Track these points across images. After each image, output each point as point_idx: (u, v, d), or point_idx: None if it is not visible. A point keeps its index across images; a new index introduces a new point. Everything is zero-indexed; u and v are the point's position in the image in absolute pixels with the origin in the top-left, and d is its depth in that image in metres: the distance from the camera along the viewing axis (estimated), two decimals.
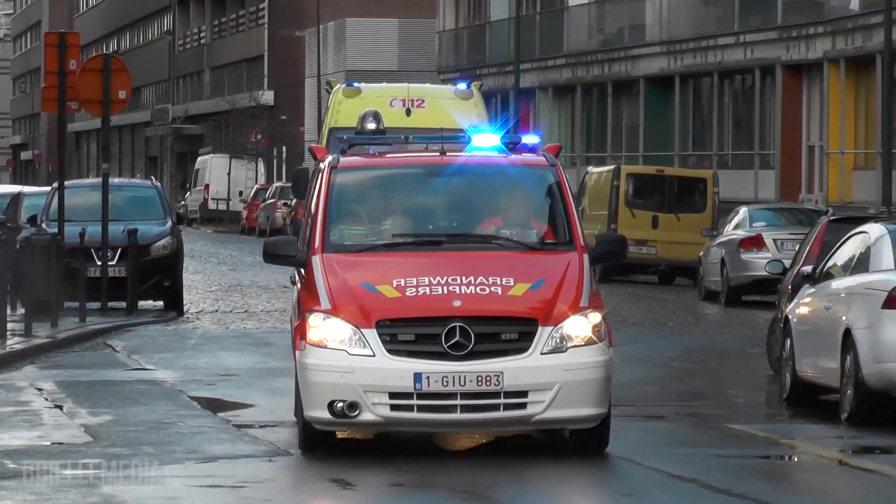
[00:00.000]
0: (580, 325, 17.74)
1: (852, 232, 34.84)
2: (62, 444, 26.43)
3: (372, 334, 17.54)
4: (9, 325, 40.66)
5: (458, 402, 17.21)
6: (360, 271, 19.78)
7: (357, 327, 17.99)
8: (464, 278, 18.47)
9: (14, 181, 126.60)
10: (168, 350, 41.22)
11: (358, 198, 21.44)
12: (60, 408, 31.32)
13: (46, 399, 32.75)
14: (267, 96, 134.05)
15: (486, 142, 20.91)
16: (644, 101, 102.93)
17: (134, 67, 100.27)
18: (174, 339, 44.36)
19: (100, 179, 51.99)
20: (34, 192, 62.09)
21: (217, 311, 53.43)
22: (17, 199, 61.21)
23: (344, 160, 21.25)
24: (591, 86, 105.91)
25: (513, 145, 21.56)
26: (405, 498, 23.08)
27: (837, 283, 34.24)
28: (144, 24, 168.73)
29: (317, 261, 20.12)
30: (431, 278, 18.50)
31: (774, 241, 67.56)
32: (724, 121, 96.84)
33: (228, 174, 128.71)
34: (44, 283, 44.11)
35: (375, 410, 17.31)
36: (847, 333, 30.63)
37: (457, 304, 17.46)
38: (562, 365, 17.27)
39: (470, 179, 21.80)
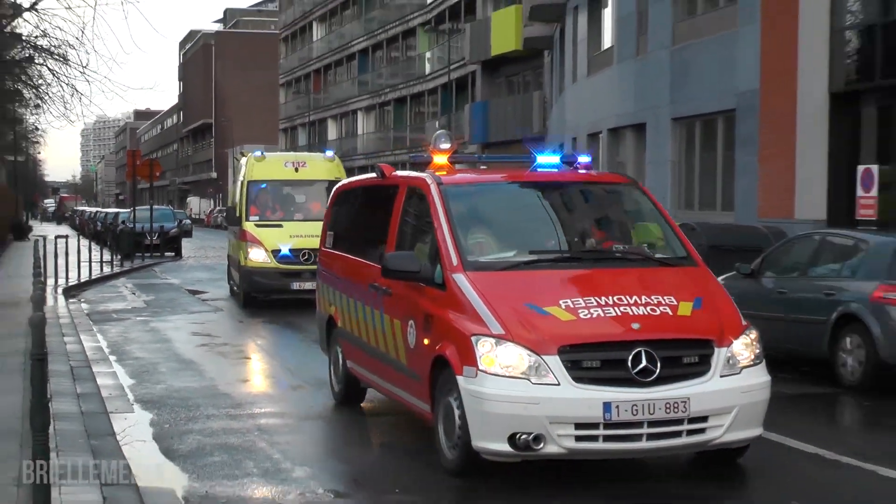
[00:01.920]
0: (747, 345, 11.03)
1: None
2: (134, 307, 26.84)
3: (555, 361, 10.24)
4: (115, 263, 40.41)
5: (645, 430, 10.30)
6: (518, 291, 11.10)
7: (537, 354, 10.25)
8: (627, 297, 10.90)
9: (116, 208, 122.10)
10: (176, 271, 40.45)
11: (472, 214, 12.31)
12: (135, 293, 30.88)
13: (129, 290, 32.06)
14: (213, 175, 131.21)
15: (548, 160, 12.95)
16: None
17: (163, 162, 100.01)
18: (177, 267, 43.27)
19: (148, 206, 51.03)
20: (125, 212, 60.89)
21: (194, 256, 51.29)
22: (116, 215, 59.25)
23: (446, 178, 12.41)
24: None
25: (570, 164, 13.35)
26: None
27: None
28: (167, 146, 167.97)
29: (463, 280, 11.06)
30: (597, 298, 10.81)
31: None
32: None
33: (199, 204, 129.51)
34: (127, 246, 43.71)
35: (561, 442, 10.10)
36: None
37: (636, 326, 10.57)
38: (739, 387, 10.70)
39: (568, 196, 13.25)
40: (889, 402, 14.85)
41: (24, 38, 35.85)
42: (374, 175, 13.77)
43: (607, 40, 36.15)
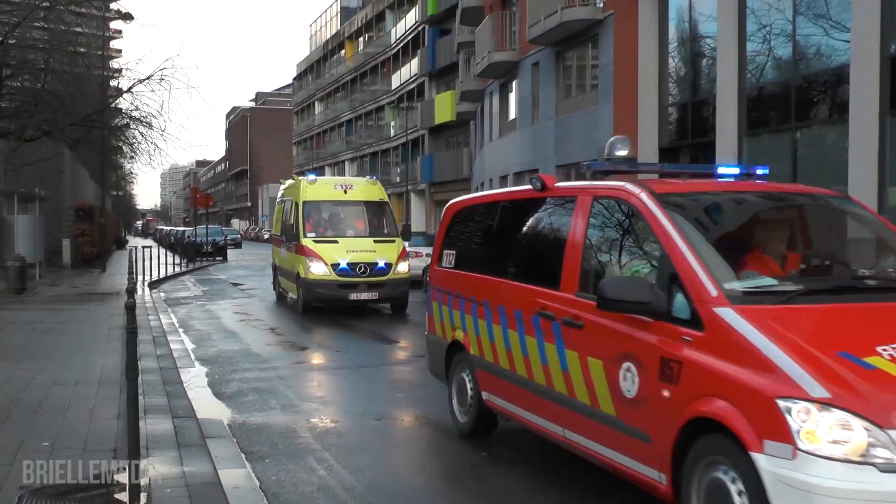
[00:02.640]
0: None
1: None
2: (195, 295, 26.11)
3: None
4: (182, 265, 39.96)
5: None
6: (817, 334, 5.06)
7: (880, 427, 4.18)
8: None
9: (183, 227, 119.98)
10: (223, 270, 39.35)
11: (698, 230, 6.11)
12: (195, 286, 29.93)
13: (192, 283, 30.88)
14: (248, 204, 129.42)
15: (729, 171, 7.55)
16: None
17: (215, 195, 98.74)
18: (224, 267, 41.84)
19: (204, 226, 50.38)
20: (189, 229, 59.86)
21: (235, 260, 49.53)
22: (184, 232, 57.68)
23: (659, 186, 6.49)
24: None
25: (749, 176, 7.32)
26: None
27: None
28: (217, 184, 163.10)
29: (735, 317, 5.17)
30: None
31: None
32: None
33: (239, 224, 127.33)
34: (191, 252, 42.77)
35: None
36: None
37: None
38: None
39: (791, 210, 6.85)
40: None
41: (123, 111, 36.20)
42: (521, 188, 8.64)
43: (512, 113, 36.17)
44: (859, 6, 17.13)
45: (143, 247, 38.05)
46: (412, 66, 66.03)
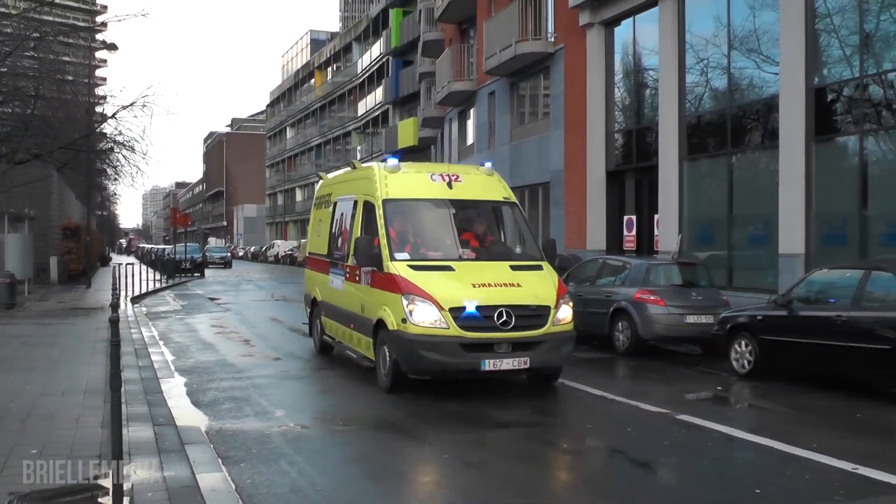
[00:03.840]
0: None
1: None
2: (175, 309, 25.72)
3: None
4: (162, 281, 39.34)
5: None
6: None
7: None
8: None
9: (164, 245, 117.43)
10: (201, 286, 38.72)
11: None
12: (175, 300, 29.35)
13: (171, 298, 30.27)
14: (224, 223, 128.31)
15: None
16: None
17: (195, 216, 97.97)
18: (202, 283, 41.32)
19: (183, 244, 50.37)
20: (169, 247, 59.50)
21: (212, 276, 48.76)
22: (164, 249, 57.10)
23: None
24: None
25: None
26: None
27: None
28: (196, 204, 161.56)
29: None
30: None
31: None
32: None
33: (215, 242, 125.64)
34: (171, 269, 41.93)
35: None
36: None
37: None
38: None
39: None
40: (644, 362, 14.97)
41: (108, 135, 36.10)
42: None
43: (470, 138, 36.30)
44: (787, 42, 17.46)
45: (126, 264, 37.76)
46: (377, 95, 66.17)
